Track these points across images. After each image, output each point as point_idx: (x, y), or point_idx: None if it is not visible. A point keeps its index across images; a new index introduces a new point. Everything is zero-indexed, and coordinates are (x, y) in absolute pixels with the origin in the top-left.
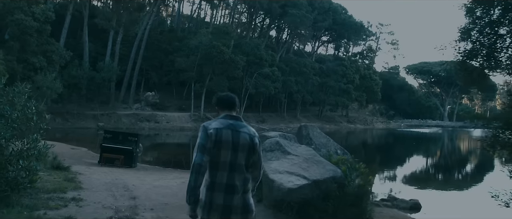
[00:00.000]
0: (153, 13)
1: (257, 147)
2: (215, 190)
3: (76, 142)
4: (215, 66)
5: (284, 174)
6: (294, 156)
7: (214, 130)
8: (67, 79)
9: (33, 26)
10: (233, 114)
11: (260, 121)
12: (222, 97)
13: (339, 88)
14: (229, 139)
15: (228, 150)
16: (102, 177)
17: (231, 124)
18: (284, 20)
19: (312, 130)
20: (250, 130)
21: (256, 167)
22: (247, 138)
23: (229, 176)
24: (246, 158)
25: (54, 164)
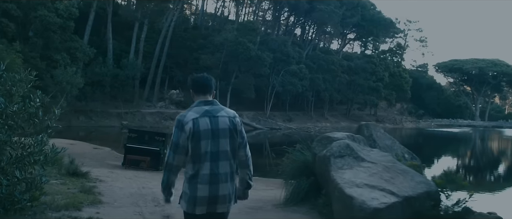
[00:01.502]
0: (177, 10)
1: (238, 127)
2: (199, 183)
3: (100, 141)
4: (241, 64)
5: (363, 188)
6: (371, 164)
7: (190, 122)
8: (90, 77)
9: (56, 23)
10: (207, 99)
11: (287, 120)
12: (196, 79)
13: (368, 86)
14: (207, 127)
15: (208, 139)
16: (126, 185)
17: (207, 110)
18: (311, 16)
19: (375, 129)
20: (229, 112)
21: (241, 147)
22: (227, 122)
23: (212, 166)
24: (230, 143)
25: (71, 170)
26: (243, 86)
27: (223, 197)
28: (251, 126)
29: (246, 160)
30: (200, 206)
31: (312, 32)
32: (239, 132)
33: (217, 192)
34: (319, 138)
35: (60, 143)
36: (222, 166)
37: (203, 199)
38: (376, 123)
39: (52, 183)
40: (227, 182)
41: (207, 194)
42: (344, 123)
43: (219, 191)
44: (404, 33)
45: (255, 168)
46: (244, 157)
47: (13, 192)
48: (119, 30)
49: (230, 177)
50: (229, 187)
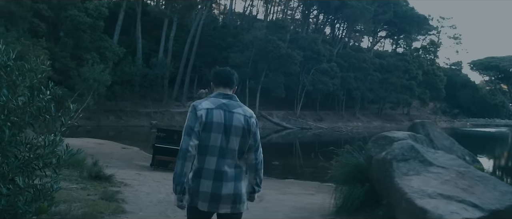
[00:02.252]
0: (206, 9)
1: (253, 129)
2: (203, 177)
3: (129, 140)
4: (271, 62)
5: (437, 198)
6: (441, 168)
7: (204, 111)
8: (120, 76)
9: (86, 22)
10: (227, 93)
11: (317, 119)
12: (219, 71)
13: (401, 84)
14: (220, 120)
15: (219, 133)
16: (154, 189)
17: (224, 103)
18: (341, 13)
19: (431, 128)
20: (246, 111)
21: (252, 150)
22: (241, 120)
23: (218, 162)
24: (240, 143)
25: (93, 172)
26: (273, 85)
27: (227, 196)
28: (281, 126)
29: (256, 164)
30: (202, 202)
31: (342, 30)
32: (252, 133)
33: (220, 190)
34: (375, 138)
35: (88, 143)
36: (229, 164)
37: (205, 195)
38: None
39: (71, 188)
40: (233, 182)
41: (209, 190)
42: (376, 123)
43: (222, 189)
44: (437, 30)
45: (289, 170)
46: (254, 160)
47: (15, 202)
48: (148, 30)
49: (236, 177)
50: (235, 187)
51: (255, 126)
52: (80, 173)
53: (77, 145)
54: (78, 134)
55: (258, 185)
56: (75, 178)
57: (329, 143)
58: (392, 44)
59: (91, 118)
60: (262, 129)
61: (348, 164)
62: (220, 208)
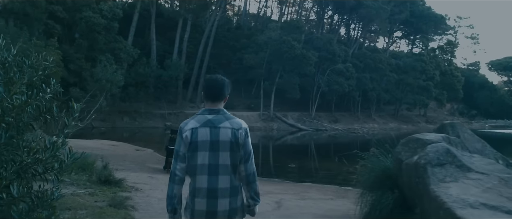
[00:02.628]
0: (220, 10)
1: (241, 141)
2: (197, 196)
3: (143, 142)
4: (285, 63)
5: (481, 209)
6: (480, 174)
7: (189, 131)
8: (134, 78)
9: (101, 24)
10: (215, 107)
11: (332, 121)
12: (207, 85)
13: (417, 85)
14: (206, 138)
15: (206, 151)
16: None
17: (209, 120)
18: (357, 13)
19: (462, 130)
20: (234, 123)
21: (241, 162)
22: (229, 134)
23: (210, 180)
24: (231, 157)
25: (103, 176)
26: (288, 86)
27: (223, 212)
28: (296, 127)
29: (247, 176)
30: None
31: (357, 30)
32: (240, 145)
33: (215, 207)
34: (405, 141)
35: (102, 144)
36: (222, 180)
37: (200, 213)
38: (459, 121)
39: (79, 194)
40: (228, 197)
41: (204, 208)
42: (392, 124)
43: (217, 206)
44: (454, 30)
45: (305, 173)
46: (243, 172)
47: (9, 213)
48: (162, 31)
49: (231, 192)
50: (230, 203)
51: (244, 137)
52: (89, 177)
53: (90, 147)
54: (93, 135)
55: (253, 198)
56: (84, 183)
57: (345, 145)
58: (408, 45)
59: (106, 120)
60: (276, 131)
61: (375, 169)
62: None
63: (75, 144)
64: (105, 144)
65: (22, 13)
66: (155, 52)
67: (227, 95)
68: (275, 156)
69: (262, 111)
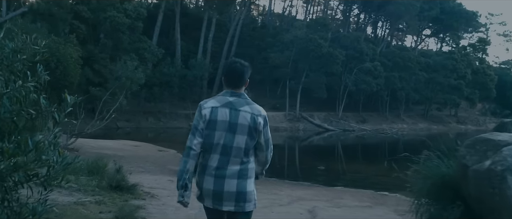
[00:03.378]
0: (245, 8)
1: (260, 127)
2: (206, 174)
3: (167, 142)
4: (312, 62)
5: None
6: None
7: (208, 109)
8: (158, 78)
9: (125, 23)
10: (236, 90)
11: (360, 121)
12: (228, 69)
13: (448, 84)
14: (225, 118)
15: (224, 131)
16: None
17: (230, 101)
18: (385, 11)
19: None
20: (254, 109)
21: (261, 149)
22: (248, 118)
23: (221, 160)
24: (246, 141)
25: (114, 181)
26: (314, 85)
27: (229, 194)
28: (322, 127)
29: (265, 162)
30: (207, 198)
31: (384, 29)
32: (259, 132)
33: (222, 187)
34: (471, 142)
35: (124, 145)
36: (233, 162)
37: (208, 192)
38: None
39: (84, 202)
40: (235, 179)
41: (212, 187)
42: (422, 124)
43: (224, 186)
44: (486, 28)
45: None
46: (264, 158)
47: None
48: (187, 31)
49: (241, 175)
50: (238, 185)
51: (263, 124)
52: (99, 182)
53: (111, 147)
54: (118, 135)
55: (262, 173)
56: (92, 188)
57: (374, 145)
58: (436, 43)
59: (131, 120)
60: (303, 131)
61: (431, 176)
62: (224, 205)
63: (96, 144)
64: (127, 144)
65: (47, 13)
66: (179, 52)
67: (247, 79)
68: (302, 158)
69: (288, 111)
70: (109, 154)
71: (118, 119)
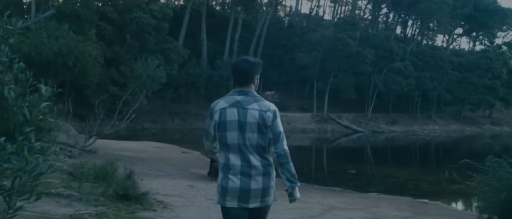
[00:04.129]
0: (272, 8)
1: (269, 122)
2: (230, 174)
3: (192, 144)
4: (340, 61)
5: None
6: None
7: (218, 112)
8: (184, 78)
9: (151, 24)
10: (244, 89)
11: (390, 122)
12: (234, 68)
13: (482, 84)
14: (234, 118)
15: (235, 130)
16: (202, 214)
17: (238, 101)
18: (415, 9)
19: None
20: (262, 105)
21: (271, 143)
22: (256, 115)
23: (242, 158)
24: (258, 138)
25: (121, 189)
26: (343, 86)
27: (256, 191)
28: (351, 129)
29: (278, 158)
30: (231, 199)
31: (414, 28)
32: (269, 126)
33: (249, 185)
34: None
35: (146, 146)
36: (253, 159)
37: (234, 191)
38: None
39: (82, 215)
40: (261, 176)
41: (238, 186)
42: (454, 126)
43: (251, 184)
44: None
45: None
46: (274, 154)
47: None
48: (213, 32)
49: (264, 170)
50: (263, 181)
51: (272, 119)
52: (105, 190)
53: (133, 149)
54: (143, 137)
55: (290, 180)
56: (96, 197)
57: (406, 148)
58: (469, 42)
59: (157, 121)
60: (330, 133)
61: (504, 189)
62: (250, 203)
63: (118, 145)
64: (150, 146)
65: (74, 15)
66: (206, 53)
67: (256, 76)
68: (331, 160)
69: (316, 112)
70: (129, 155)
71: (144, 120)
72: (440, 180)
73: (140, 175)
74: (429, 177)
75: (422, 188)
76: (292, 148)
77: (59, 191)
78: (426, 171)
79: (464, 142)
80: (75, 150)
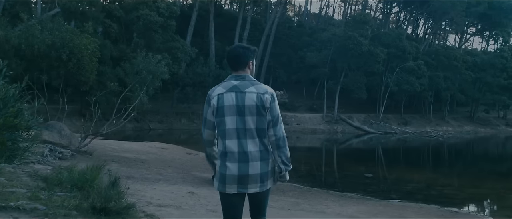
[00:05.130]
0: (281, 6)
1: (267, 104)
2: (228, 160)
3: (198, 144)
4: (351, 60)
5: None
6: None
7: (215, 97)
8: (192, 77)
9: (157, 22)
10: (239, 73)
11: (402, 123)
12: (228, 54)
13: (497, 84)
14: (232, 103)
15: (233, 115)
16: None
17: (235, 85)
18: (429, 7)
19: None
20: (259, 88)
21: (270, 126)
22: (254, 98)
23: (240, 143)
24: (257, 121)
25: (100, 201)
26: (353, 85)
27: (254, 176)
28: (362, 130)
29: (276, 140)
30: (230, 185)
31: (426, 27)
32: (267, 109)
33: (247, 170)
34: None
35: (150, 147)
36: (251, 143)
37: (232, 178)
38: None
39: None
40: (258, 161)
41: (236, 172)
42: (468, 127)
43: (249, 169)
44: None
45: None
46: (273, 136)
47: None
48: (221, 32)
49: (261, 156)
50: (261, 166)
51: (270, 101)
52: (80, 202)
53: (135, 150)
54: (150, 137)
55: (284, 163)
56: (67, 212)
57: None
58: (481, 42)
59: (163, 121)
60: (341, 134)
61: None
62: (249, 188)
63: (119, 146)
64: (154, 146)
65: (79, 12)
66: (214, 52)
67: (250, 61)
68: (344, 163)
69: (326, 113)
70: (129, 157)
71: (151, 120)
72: (464, 184)
73: (136, 180)
74: (452, 182)
75: (447, 194)
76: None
77: (20, 204)
78: (447, 175)
79: (479, 144)
80: (67, 151)
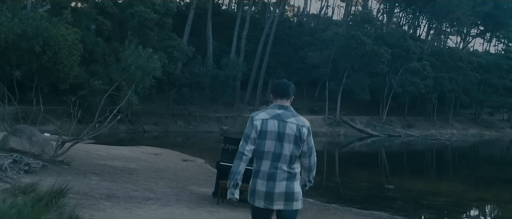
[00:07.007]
0: (281, 4)
1: (304, 137)
2: (259, 178)
3: (195, 149)
4: (354, 61)
5: None
6: None
7: (259, 121)
8: (188, 78)
9: (153, 19)
10: (283, 104)
11: (406, 126)
12: (276, 84)
13: (503, 86)
14: (274, 129)
15: (273, 140)
16: None
17: (278, 114)
18: (434, 5)
19: None
20: (299, 120)
21: (305, 156)
22: (294, 129)
23: (271, 165)
24: (292, 149)
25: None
26: (356, 87)
27: (280, 194)
28: (365, 133)
29: (309, 167)
30: (258, 199)
31: (428, 28)
32: (303, 141)
33: (273, 189)
34: None
35: (141, 153)
36: (282, 167)
37: (260, 193)
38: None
39: None
40: (284, 181)
41: (264, 189)
42: (473, 130)
43: (275, 188)
44: None
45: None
46: (307, 164)
47: None
48: (219, 31)
49: (289, 178)
50: (286, 187)
51: (307, 134)
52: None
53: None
54: (144, 140)
55: (310, 181)
56: None
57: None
58: (483, 43)
59: (159, 123)
60: (343, 136)
61: None
62: (274, 205)
63: (108, 152)
64: (146, 152)
65: (70, 8)
66: (211, 52)
67: (292, 96)
68: (355, 170)
69: (327, 115)
70: (116, 166)
71: (145, 122)
72: (502, 198)
73: (118, 201)
74: (484, 195)
75: (487, 210)
76: None
77: None
78: (473, 185)
79: (488, 147)
80: (36, 162)
